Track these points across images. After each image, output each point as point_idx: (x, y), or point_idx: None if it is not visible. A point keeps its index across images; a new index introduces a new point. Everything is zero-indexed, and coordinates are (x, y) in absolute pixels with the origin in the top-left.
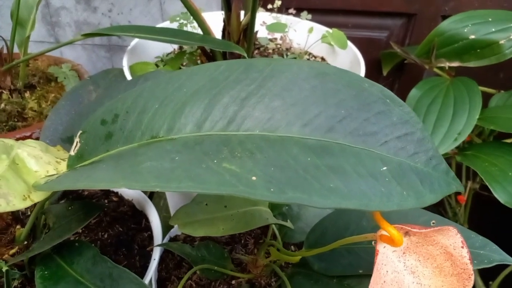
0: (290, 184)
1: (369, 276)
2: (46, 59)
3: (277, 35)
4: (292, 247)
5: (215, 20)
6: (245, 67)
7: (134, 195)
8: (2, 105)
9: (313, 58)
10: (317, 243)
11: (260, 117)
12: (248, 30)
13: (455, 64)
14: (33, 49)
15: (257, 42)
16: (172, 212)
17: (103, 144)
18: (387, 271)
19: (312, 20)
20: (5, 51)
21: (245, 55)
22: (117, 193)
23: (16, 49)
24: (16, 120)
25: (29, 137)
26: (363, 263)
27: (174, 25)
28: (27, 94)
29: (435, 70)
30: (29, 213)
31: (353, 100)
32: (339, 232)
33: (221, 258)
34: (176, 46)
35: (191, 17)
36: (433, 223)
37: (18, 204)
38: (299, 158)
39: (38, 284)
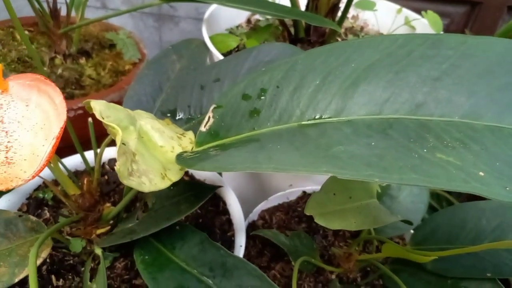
0: None
1: (493, 280)
2: (97, 24)
3: (349, 14)
4: (375, 241)
5: None
6: (431, 43)
7: (208, 175)
8: (59, 70)
9: None
10: (425, 240)
11: (459, 101)
12: (336, 6)
13: None
14: None
15: None
16: None
17: (247, 121)
18: None
19: None
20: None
21: (340, 30)
22: (187, 171)
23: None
24: (73, 87)
25: None
26: (488, 266)
27: None
28: (82, 61)
29: None
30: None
31: None
32: (454, 230)
33: (311, 249)
34: (244, 19)
35: None
36: None
37: (159, 183)
38: None
39: (142, 270)
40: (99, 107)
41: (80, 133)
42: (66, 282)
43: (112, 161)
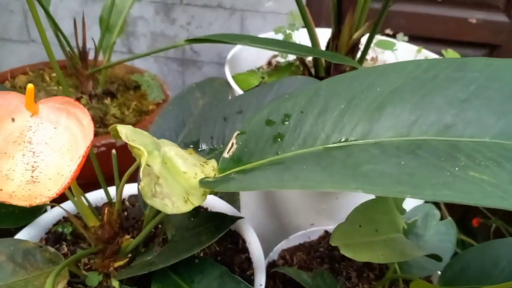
0: None
1: None
2: (123, 67)
3: (368, 56)
4: (401, 283)
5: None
6: (456, 66)
7: (225, 210)
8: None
9: None
10: (455, 280)
11: (489, 122)
12: (356, 46)
13: None
14: None
15: None
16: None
17: (270, 146)
18: None
19: None
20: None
21: (360, 68)
22: (206, 209)
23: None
24: (97, 126)
25: (113, 144)
26: None
27: (278, 36)
28: (107, 101)
29: None
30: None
31: None
32: (486, 268)
33: None
34: (265, 61)
35: (296, 30)
36: None
37: (181, 206)
38: None
39: None
40: (125, 131)
41: (102, 169)
42: None
43: (132, 198)
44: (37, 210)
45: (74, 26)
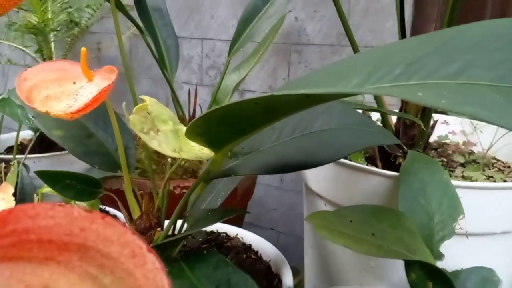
0: None
1: None
2: None
3: (459, 138)
4: None
5: None
6: None
7: (273, 255)
8: (183, 162)
9: (502, 165)
10: None
11: None
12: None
13: None
14: None
15: (433, 142)
16: None
17: None
18: None
19: None
20: None
21: (421, 123)
22: (257, 252)
23: None
24: (189, 176)
25: None
26: None
27: None
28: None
29: None
30: None
31: None
32: None
33: None
34: None
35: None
36: None
37: (168, 151)
38: None
39: None
40: (148, 97)
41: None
42: None
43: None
44: (94, 193)
45: (189, 95)
